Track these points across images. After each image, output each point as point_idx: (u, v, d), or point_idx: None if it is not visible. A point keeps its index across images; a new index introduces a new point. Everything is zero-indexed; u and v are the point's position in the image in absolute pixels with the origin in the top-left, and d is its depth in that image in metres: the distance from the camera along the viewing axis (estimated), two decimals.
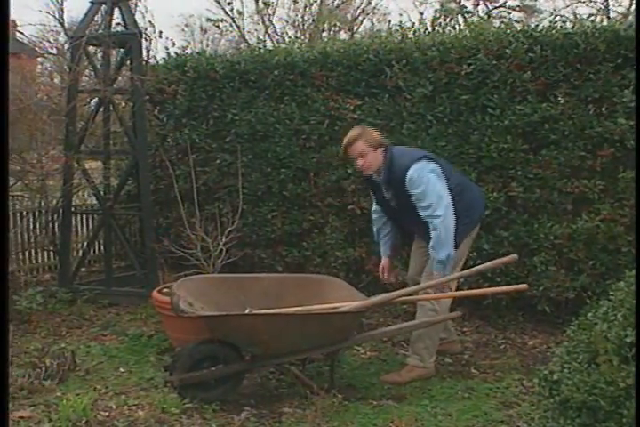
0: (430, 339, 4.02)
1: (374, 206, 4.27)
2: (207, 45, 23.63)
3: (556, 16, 5.01)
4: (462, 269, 4.08)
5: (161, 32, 6.80)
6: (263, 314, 3.75)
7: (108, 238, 5.98)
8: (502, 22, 5.30)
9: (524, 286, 3.99)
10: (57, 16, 20.94)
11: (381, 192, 4.04)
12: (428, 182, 3.77)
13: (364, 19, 25.22)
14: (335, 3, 23.94)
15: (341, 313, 3.71)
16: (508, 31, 4.91)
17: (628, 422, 1.90)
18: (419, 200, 3.80)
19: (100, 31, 5.80)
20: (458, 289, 4.39)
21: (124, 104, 6.31)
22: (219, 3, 22.76)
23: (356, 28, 24.00)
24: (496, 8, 25.88)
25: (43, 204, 6.17)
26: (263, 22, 22.05)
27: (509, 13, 24.08)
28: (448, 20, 5.56)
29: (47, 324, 5.06)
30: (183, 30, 27.94)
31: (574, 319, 2.48)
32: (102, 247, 6.50)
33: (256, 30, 21.96)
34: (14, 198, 6.20)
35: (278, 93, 5.62)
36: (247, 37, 21.55)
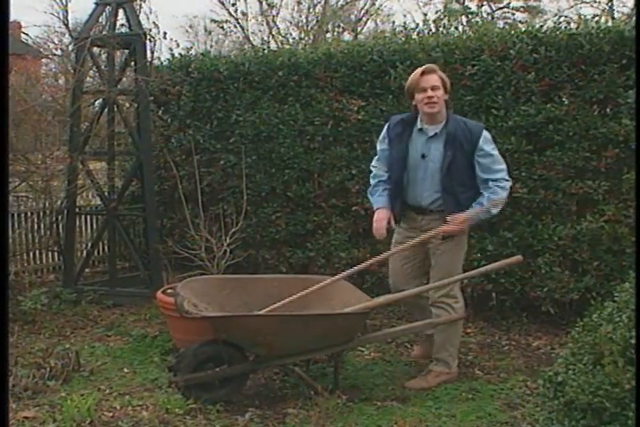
0: (452, 346, 4.03)
1: (380, 168, 4.04)
2: (211, 46, 23.66)
3: (561, 17, 5.01)
4: (465, 271, 4.07)
5: (165, 33, 6.80)
6: (267, 315, 3.76)
7: (113, 239, 5.99)
8: (506, 23, 5.30)
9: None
10: (61, 17, 21.01)
11: (419, 146, 3.85)
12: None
13: (367, 20, 25.25)
14: (339, 4, 23.96)
15: (345, 314, 3.70)
16: (512, 32, 4.91)
17: (634, 423, 1.90)
18: (492, 162, 3.79)
19: (105, 32, 5.82)
20: (461, 290, 4.38)
21: (128, 105, 6.32)
22: (223, 4, 22.82)
23: (359, 28, 24.02)
24: (500, 9, 25.88)
25: (47, 204, 6.17)
26: (267, 23, 22.09)
27: (513, 14, 24.08)
28: (452, 20, 5.54)
29: (51, 324, 5.07)
30: (187, 31, 28.02)
31: (579, 320, 2.47)
32: (106, 248, 6.52)
33: (260, 31, 22.02)
34: (19, 199, 6.21)
35: (282, 94, 5.63)
36: (251, 38, 21.59)
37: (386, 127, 4.06)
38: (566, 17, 5.03)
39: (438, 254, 3.95)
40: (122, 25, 5.88)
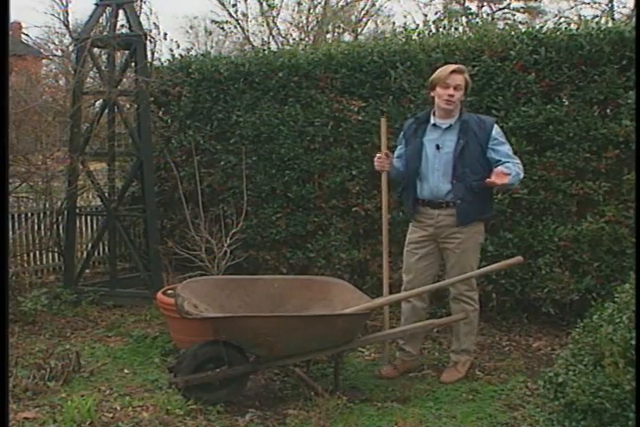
0: (473, 334, 4.20)
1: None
2: (211, 47, 23.65)
3: (561, 17, 5.01)
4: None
5: (165, 34, 6.86)
6: (268, 316, 3.76)
7: (113, 240, 5.99)
8: (507, 24, 5.29)
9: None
10: (62, 18, 20.98)
11: (433, 139, 3.97)
12: None
13: (368, 20, 25.21)
14: (339, 4, 23.94)
15: (346, 315, 3.71)
16: (513, 33, 4.91)
17: (634, 424, 1.90)
18: (509, 150, 3.97)
19: (105, 33, 5.82)
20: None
21: (128, 106, 6.32)
22: (223, 5, 22.78)
23: (360, 29, 24.00)
24: (500, 10, 25.88)
25: (47, 205, 6.17)
26: (267, 24, 22.05)
27: (514, 15, 24.07)
28: (452, 21, 5.53)
29: (52, 325, 5.07)
30: (188, 32, 27.98)
31: (579, 321, 2.47)
32: (107, 249, 6.51)
33: (260, 32, 21.95)
34: (19, 200, 6.21)
35: (282, 95, 5.63)
36: (251, 39, 21.55)
37: (402, 132, 4.21)
38: (566, 18, 5.04)
39: (458, 253, 3.99)
40: (122, 26, 5.88)
